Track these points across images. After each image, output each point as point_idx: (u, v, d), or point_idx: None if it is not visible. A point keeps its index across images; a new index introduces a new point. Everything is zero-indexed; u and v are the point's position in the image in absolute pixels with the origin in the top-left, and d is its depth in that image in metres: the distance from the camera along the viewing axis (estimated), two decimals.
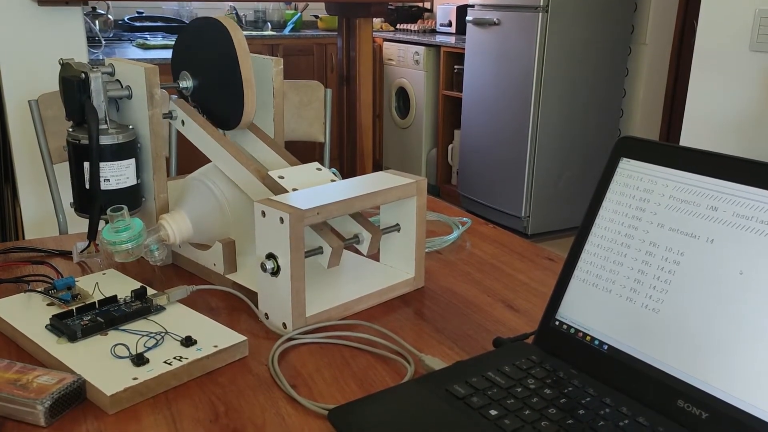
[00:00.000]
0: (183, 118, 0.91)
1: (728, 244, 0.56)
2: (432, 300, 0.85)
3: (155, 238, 0.84)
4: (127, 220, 0.79)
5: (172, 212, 0.87)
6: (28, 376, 0.61)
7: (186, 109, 0.91)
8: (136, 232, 0.79)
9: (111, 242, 0.78)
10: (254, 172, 0.83)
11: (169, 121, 0.92)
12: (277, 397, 0.64)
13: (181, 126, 0.91)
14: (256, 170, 0.84)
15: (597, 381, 0.62)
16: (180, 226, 0.85)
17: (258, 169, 0.84)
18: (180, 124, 0.92)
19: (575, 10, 3.12)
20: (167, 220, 0.85)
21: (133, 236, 0.79)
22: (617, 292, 0.63)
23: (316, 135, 1.94)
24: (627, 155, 0.66)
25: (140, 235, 0.80)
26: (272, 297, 0.75)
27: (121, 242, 0.78)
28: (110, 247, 0.78)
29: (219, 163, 0.88)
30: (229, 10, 4.34)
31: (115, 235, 0.78)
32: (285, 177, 0.84)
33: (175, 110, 0.92)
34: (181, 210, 0.87)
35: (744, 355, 0.53)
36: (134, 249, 0.79)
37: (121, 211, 0.78)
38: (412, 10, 4.61)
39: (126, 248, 0.78)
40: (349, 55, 2.87)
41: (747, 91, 2.10)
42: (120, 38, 3.51)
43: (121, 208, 0.78)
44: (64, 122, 0.88)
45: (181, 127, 0.91)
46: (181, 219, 0.86)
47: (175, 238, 0.85)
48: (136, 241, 0.79)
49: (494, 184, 3.48)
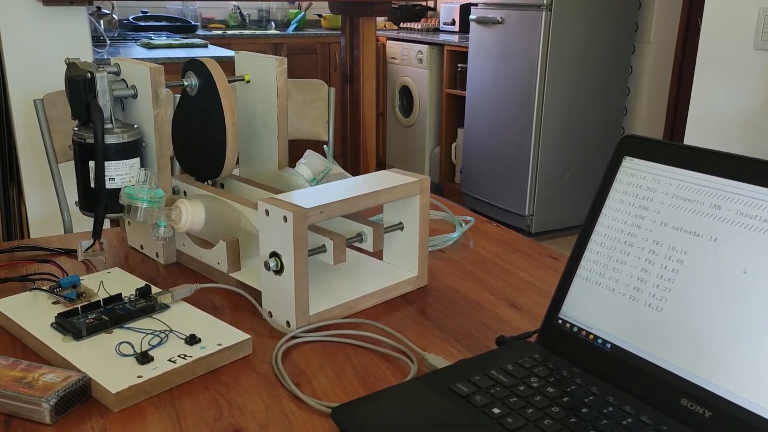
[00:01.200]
0: (185, 190, 0.95)
1: (732, 243, 0.56)
2: (435, 298, 0.85)
3: (167, 213, 0.84)
4: (153, 185, 0.83)
5: (192, 200, 0.87)
6: (34, 374, 0.62)
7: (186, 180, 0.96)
8: (156, 197, 0.82)
9: (130, 194, 0.81)
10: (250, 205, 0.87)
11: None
12: (280, 395, 0.64)
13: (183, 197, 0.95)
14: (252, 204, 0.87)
15: (600, 379, 0.62)
16: (194, 214, 0.85)
17: None
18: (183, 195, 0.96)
19: (578, 8, 3.11)
20: (185, 204, 0.85)
21: (151, 197, 0.82)
22: (620, 290, 0.63)
23: (319, 134, 1.94)
24: (630, 154, 0.66)
25: (158, 202, 0.82)
26: (276, 295, 0.75)
27: (139, 198, 0.81)
28: (127, 199, 0.81)
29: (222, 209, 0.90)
30: (233, 9, 4.35)
31: (136, 190, 0.82)
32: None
33: (177, 185, 0.96)
34: (200, 201, 0.87)
35: (747, 353, 0.53)
36: (146, 210, 0.82)
37: (153, 174, 0.82)
38: (415, 8, 4.61)
39: (140, 205, 0.81)
40: (352, 53, 2.87)
41: (751, 90, 2.10)
42: (125, 38, 3.51)
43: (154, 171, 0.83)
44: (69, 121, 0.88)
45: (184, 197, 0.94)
46: (197, 208, 0.86)
47: (184, 223, 0.85)
48: (152, 203, 0.82)
49: (498, 182, 3.48)
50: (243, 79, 0.99)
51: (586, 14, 3.14)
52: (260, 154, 1.00)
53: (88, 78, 0.84)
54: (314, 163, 1.02)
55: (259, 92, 0.98)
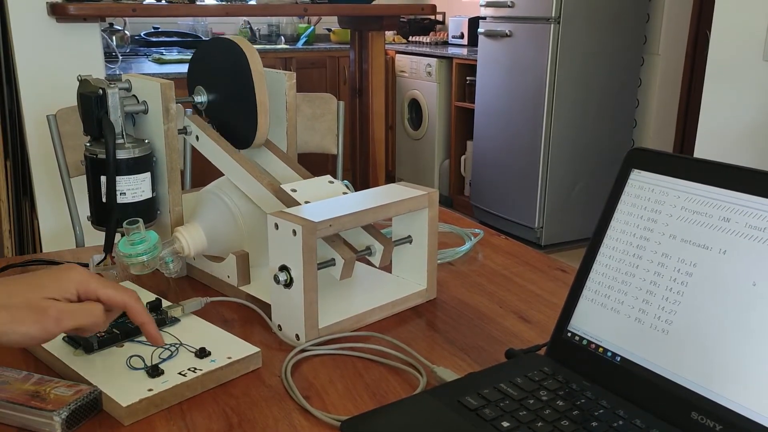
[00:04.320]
0: (197, 134, 0.92)
1: (741, 256, 0.56)
2: (444, 311, 0.85)
3: (170, 250, 0.85)
4: (143, 232, 0.80)
5: (187, 225, 0.88)
6: (45, 387, 0.62)
7: (200, 125, 0.92)
8: (151, 245, 0.80)
9: (127, 255, 0.79)
10: (267, 185, 0.84)
11: (183, 136, 0.93)
12: (290, 408, 0.64)
13: (195, 141, 0.93)
14: (269, 184, 0.85)
15: (610, 393, 0.61)
16: (194, 239, 0.86)
17: (271, 183, 0.85)
18: (194, 139, 0.93)
19: (587, 21, 3.12)
20: (182, 232, 0.86)
21: (148, 249, 0.80)
22: (629, 303, 0.63)
23: (328, 147, 1.95)
24: (638, 166, 0.66)
25: (155, 248, 0.81)
26: (285, 309, 0.76)
27: (137, 255, 0.79)
28: (126, 259, 0.79)
29: (232, 177, 0.89)
30: (243, 24, 4.39)
31: (130, 248, 0.79)
32: (297, 190, 0.85)
33: (190, 125, 0.93)
34: (195, 222, 0.88)
35: (758, 366, 0.53)
36: (149, 261, 0.80)
37: (137, 224, 0.79)
38: (424, 22, 4.63)
39: (141, 261, 0.79)
40: (361, 67, 2.89)
41: (761, 102, 2.09)
42: (136, 53, 3.55)
43: (137, 221, 0.79)
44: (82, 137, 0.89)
45: (196, 142, 0.93)
46: (195, 231, 0.87)
47: (189, 251, 0.86)
48: (152, 253, 0.80)
49: (507, 195, 3.47)
50: None
51: (594, 27, 3.14)
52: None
53: (99, 94, 0.85)
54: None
55: (269, 106, 0.99)
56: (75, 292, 0.60)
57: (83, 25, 2.18)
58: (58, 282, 0.59)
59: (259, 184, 0.85)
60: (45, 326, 0.57)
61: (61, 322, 0.58)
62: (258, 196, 0.86)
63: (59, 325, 0.58)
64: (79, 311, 0.59)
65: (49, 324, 0.57)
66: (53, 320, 0.57)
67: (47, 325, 0.57)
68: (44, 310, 0.57)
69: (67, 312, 0.58)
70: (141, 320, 0.63)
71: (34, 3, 2.10)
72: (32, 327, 0.57)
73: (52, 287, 0.59)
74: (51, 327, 0.57)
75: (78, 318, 0.59)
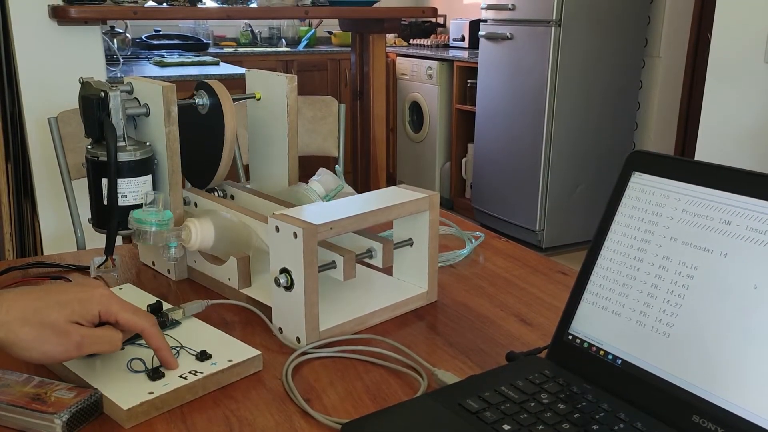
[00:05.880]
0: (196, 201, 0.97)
1: (742, 258, 0.56)
2: (445, 314, 0.85)
3: (176, 234, 0.85)
4: (160, 207, 0.82)
5: (201, 218, 0.88)
6: (46, 390, 0.62)
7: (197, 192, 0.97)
8: (164, 219, 0.82)
9: (138, 219, 0.81)
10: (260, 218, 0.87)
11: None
12: (290, 411, 0.64)
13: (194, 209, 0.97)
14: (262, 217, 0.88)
15: (611, 395, 0.61)
16: (204, 232, 0.86)
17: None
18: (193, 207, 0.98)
19: (588, 23, 3.12)
20: (194, 222, 0.86)
21: (160, 220, 0.82)
22: (631, 305, 0.63)
23: (330, 149, 1.96)
24: (638, 169, 0.66)
25: (166, 224, 0.82)
26: (286, 311, 0.76)
27: (148, 222, 0.81)
28: (135, 224, 0.81)
29: None
30: (244, 27, 4.40)
31: (144, 214, 0.81)
32: None
33: (188, 196, 0.97)
34: (209, 218, 0.88)
35: (759, 369, 0.53)
36: (155, 234, 0.82)
37: (161, 195, 0.82)
38: (425, 25, 4.63)
39: (149, 229, 0.81)
40: (362, 70, 2.89)
41: (762, 103, 2.09)
42: (138, 56, 3.55)
43: (161, 193, 0.82)
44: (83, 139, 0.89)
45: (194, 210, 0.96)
46: (207, 226, 0.87)
47: (195, 242, 0.86)
48: (160, 226, 0.82)
49: (508, 197, 3.47)
50: (254, 97, 1.00)
51: (595, 30, 3.15)
52: (271, 171, 1.01)
53: (101, 97, 0.85)
54: (327, 181, 1.03)
55: (270, 109, 0.99)
56: (97, 314, 0.63)
57: (84, 28, 2.19)
58: (83, 304, 0.62)
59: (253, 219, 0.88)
60: (66, 348, 0.61)
61: (83, 347, 0.62)
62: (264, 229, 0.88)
63: (80, 350, 0.62)
64: (100, 340, 0.63)
65: (70, 347, 0.61)
66: (75, 345, 0.61)
67: (69, 347, 0.61)
68: (68, 334, 0.60)
69: (89, 338, 0.62)
70: (156, 345, 0.66)
71: (35, 6, 2.10)
72: (54, 348, 0.60)
73: (78, 309, 0.61)
74: (72, 351, 0.61)
75: (98, 346, 0.63)
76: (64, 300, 0.61)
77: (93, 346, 0.62)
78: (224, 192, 1.02)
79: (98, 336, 0.62)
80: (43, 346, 0.59)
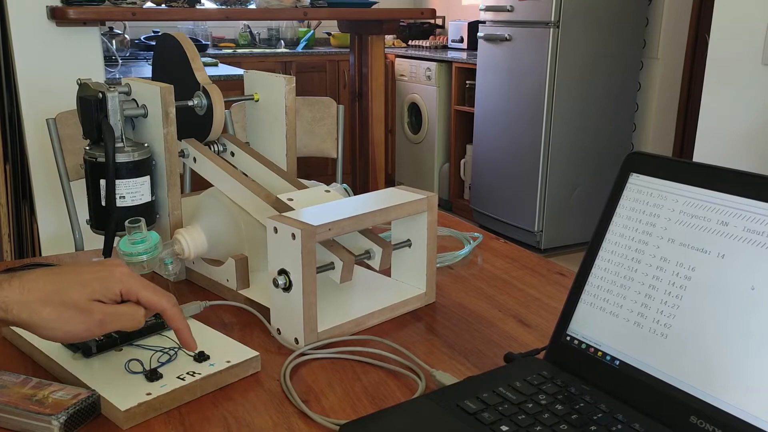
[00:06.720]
0: (195, 156, 0.94)
1: (739, 260, 0.56)
2: (443, 315, 0.85)
3: (170, 251, 0.85)
4: (144, 232, 0.80)
5: (188, 227, 0.88)
6: (44, 391, 0.62)
7: (196, 146, 0.94)
8: (151, 245, 0.80)
9: (127, 253, 0.79)
10: (264, 197, 0.85)
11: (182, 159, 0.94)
12: (289, 412, 0.64)
13: (193, 163, 0.94)
14: (266, 196, 0.85)
15: (609, 396, 0.61)
16: (195, 241, 0.86)
17: (268, 195, 0.85)
18: (192, 161, 0.94)
19: (586, 25, 3.12)
20: (183, 234, 0.86)
21: (148, 248, 0.80)
22: (628, 306, 0.63)
23: (328, 151, 1.96)
24: (636, 170, 0.66)
25: (155, 248, 0.81)
26: (284, 312, 0.76)
27: (137, 254, 0.79)
28: (126, 258, 0.79)
29: (231, 193, 0.89)
30: (243, 28, 4.40)
31: (131, 247, 0.79)
32: (294, 199, 0.85)
33: (187, 148, 0.94)
34: (197, 225, 0.88)
35: (757, 370, 0.53)
36: (149, 261, 0.80)
37: (138, 224, 0.79)
38: (423, 26, 4.64)
39: (141, 260, 0.80)
40: (361, 71, 2.89)
41: (760, 105, 2.09)
42: (136, 57, 3.56)
43: (139, 220, 0.79)
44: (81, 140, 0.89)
45: (194, 164, 0.94)
46: (196, 234, 0.87)
47: (189, 253, 0.86)
48: (152, 253, 0.80)
49: (507, 198, 3.47)
50: (252, 98, 1.00)
51: (594, 31, 3.15)
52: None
53: (99, 98, 0.85)
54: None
55: (269, 110, 0.99)
56: (118, 293, 0.62)
57: (83, 29, 2.19)
58: (103, 283, 0.61)
59: (258, 198, 0.85)
60: (89, 327, 0.60)
61: (105, 325, 0.61)
62: (255, 207, 0.86)
63: (102, 328, 0.61)
64: (122, 317, 0.61)
65: (93, 326, 0.60)
66: (97, 323, 0.60)
67: (91, 326, 0.60)
68: (90, 312, 0.60)
69: (111, 315, 0.61)
70: (176, 326, 0.65)
71: (34, 7, 2.10)
72: (77, 327, 0.59)
73: (98, 288, 0.61)
74: (94, 329, 0.60)
75: (121, 323, 0.61)
76: (84, 279, 0.61)
77: (116, 323, 0.61)
78: (224, 146, 0.99)
79: (120, 313, 0.61)
80: (65, 325, 0.59)
